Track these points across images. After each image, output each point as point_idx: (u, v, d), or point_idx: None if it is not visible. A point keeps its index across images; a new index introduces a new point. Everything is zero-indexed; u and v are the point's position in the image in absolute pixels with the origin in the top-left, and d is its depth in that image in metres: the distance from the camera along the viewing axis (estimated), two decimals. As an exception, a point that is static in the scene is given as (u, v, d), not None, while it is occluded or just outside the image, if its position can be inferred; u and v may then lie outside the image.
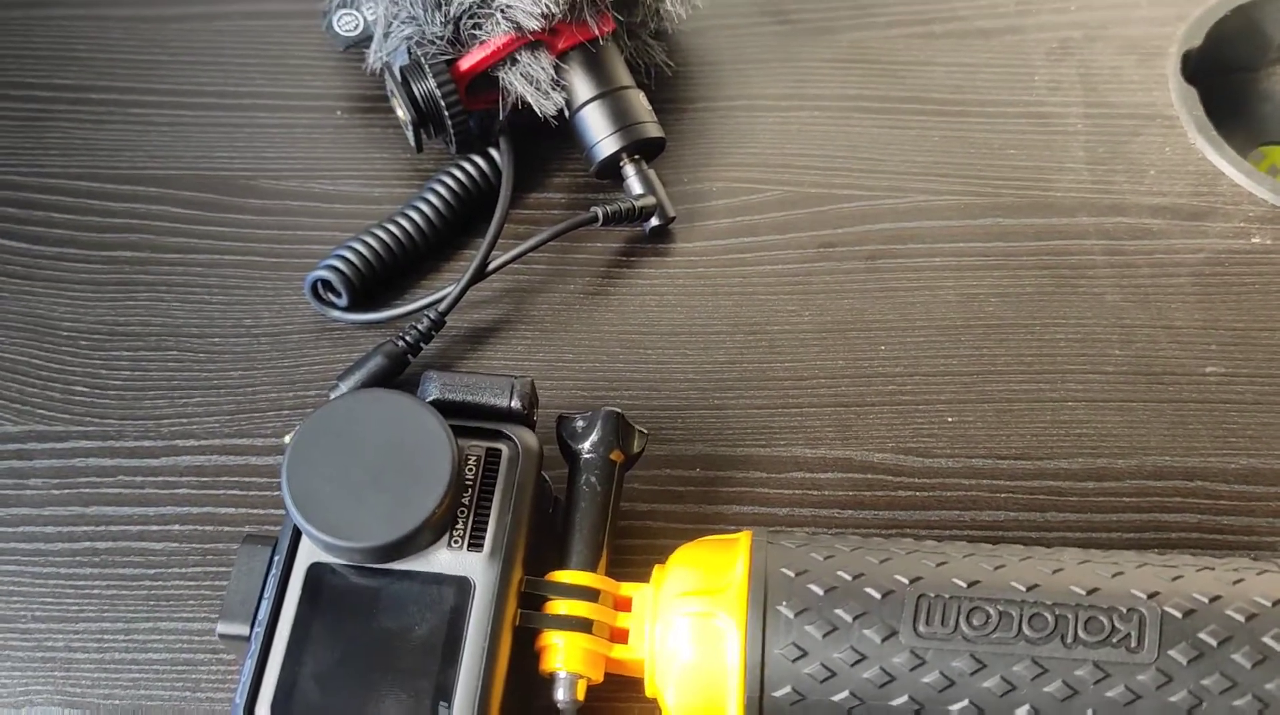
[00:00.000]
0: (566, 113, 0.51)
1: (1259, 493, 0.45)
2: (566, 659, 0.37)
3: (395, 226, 0.49)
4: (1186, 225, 0.52)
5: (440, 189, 0.50)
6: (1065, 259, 0.51)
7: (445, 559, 0.37)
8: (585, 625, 0.37)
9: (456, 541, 0.38)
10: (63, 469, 0.45)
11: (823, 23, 0.59)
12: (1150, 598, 0.34)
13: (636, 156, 0.51)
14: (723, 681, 0.35)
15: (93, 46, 0.58)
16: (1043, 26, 0.59)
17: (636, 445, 0.42)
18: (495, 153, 0.51)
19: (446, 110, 0.49)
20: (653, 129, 0.51)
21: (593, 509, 0.40)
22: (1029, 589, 0.35)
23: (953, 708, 0.34)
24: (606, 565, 0.39)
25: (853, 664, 0.34)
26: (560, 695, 0.37)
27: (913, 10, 0.59)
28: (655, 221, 0.51)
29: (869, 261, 0.51)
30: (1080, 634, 0.34)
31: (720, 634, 0.35)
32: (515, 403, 0.40)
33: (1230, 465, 0.46)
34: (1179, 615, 0.34)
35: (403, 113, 0.50)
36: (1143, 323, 0.49)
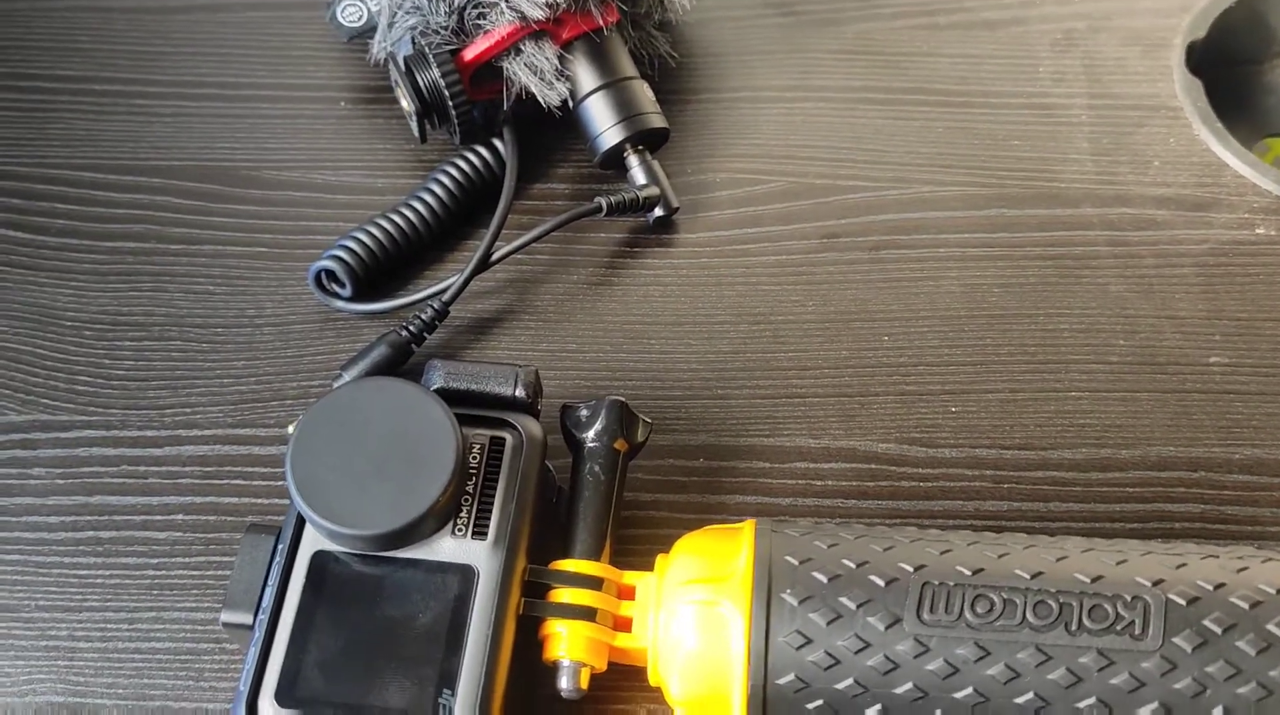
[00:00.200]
0: (570, 103, 0.50)
1: (1263, 483, 0.45)
2: (570, 647, 0.37)
3: (399, 217, 0.49)
4: (1191, 216, 0.52)
5: (444, 179, 0.50)
6: (1069, 250, 0.51)
7: (449, 547, 0.37)
8: (589, 614, 0.37)
9: (460, 530, 0.38)
10: (66, 458, 0.46)
11: (828, 14, 0.59)
12: (1154, 585, 0.34)
13: (640, 147, 0.51)
14: (726, 669, 0.35)
15: (95, 38, 0.58)
16: (1047, 18, 0.59)
17: (640, 434, 0.42)
18: (499, 143, 0.51)
19: (450, 101, 0.49)
20: (657, 120, 0.51)
21: (596, 498, 0.40)
22: (1033, 576, 0.35)
23: (957, 695, 0.34)
24: (610, 554, 0.39)
25: (856, 651, 0.34)
26: (564, 683, 0.37)
27: (918, 2, 0.59)
28: (659, 212, 0.51)
29: (873, 252, 0.51)
30: (1084, 621, 0.34)
31: (724, 622, 0.35)
32: (519, 392, 0.40)
33: (1234, 455, 0.46)
34: (1183, 603, 0.34)
35: (407, 103, 0.50)
36: (1147, 313, 0.49)
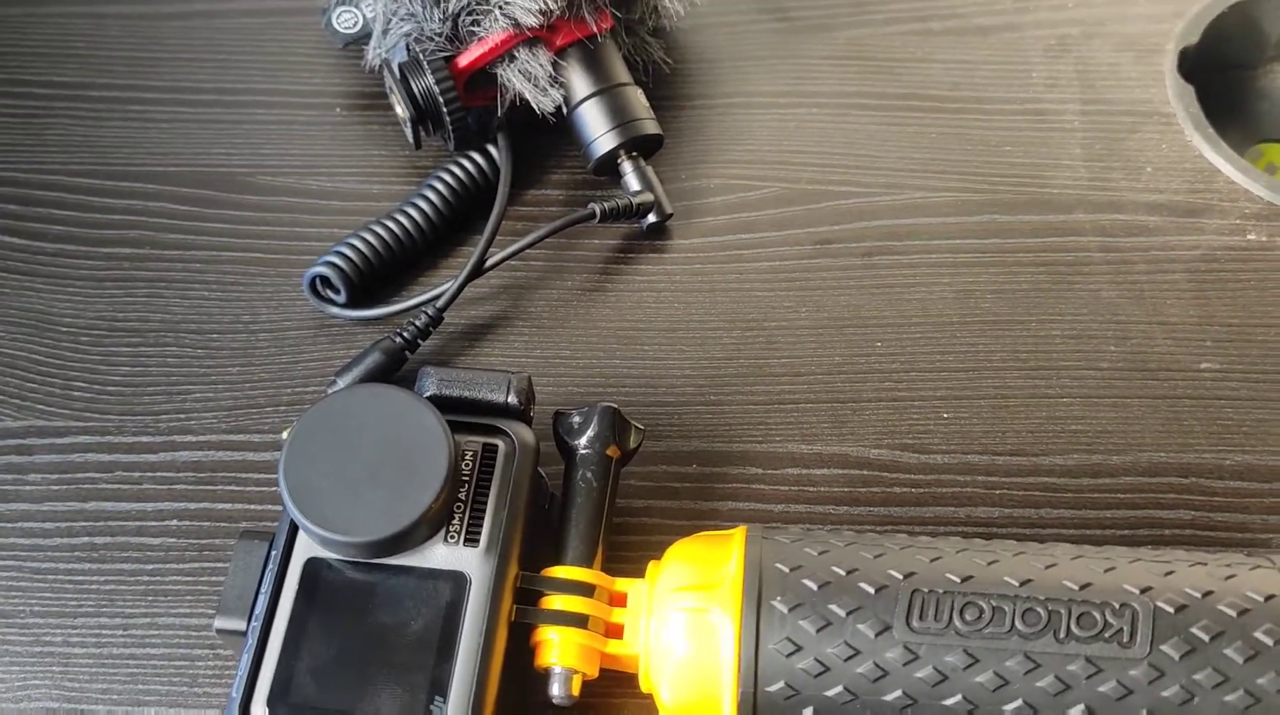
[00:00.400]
0: (564, 109, 0.51)
1: (1253, 489, 0.45)
2: (562, 654, 0.37)
3: (393, 223, 0.49)
4: (1183, 222, 0.52)
5: (438, 186, 0.50)
6: (1061, 256, 0.51)
7: (441, 554, 0.37)
8: (580, 620, 0.37)
9: (453, 537, 0.38)
10: (62, 464, 0.46)
11: (821, 20, 0.59)
12: (1143, 593, 0.34)
13: (634, 153, 0.51)
14: (717, 676, 0.35)
15: (91, 44, 0.58)
16: (1040, 24, 0.59)
17: (633, 441, 0.42)
18: (493, 149, 0.51)
19: (445, 107, 0.49)
20: (650, 126, 0.51)
21: (588, 505, 0.40)
22: (1022, 584, 0.35)
23: (946, 702, 0.34)
24: (602, 561, 0.40)
25: (846, 659, 0.34)
26: (555, 690, 0.37)
27: (911, 7, 0.59)
28: (653, 218, 0.51)
29: (866, 258, 0.51)
30: (1073, 629, 0.34)
31: (714, 629, 0.36)
32: (512, 398, 0.40)
33: (1225, 461, 0.46)
34: (1171, 610, 0.34)
35: (401, 109, 0.50)
36: (1138, 319, 0.49)
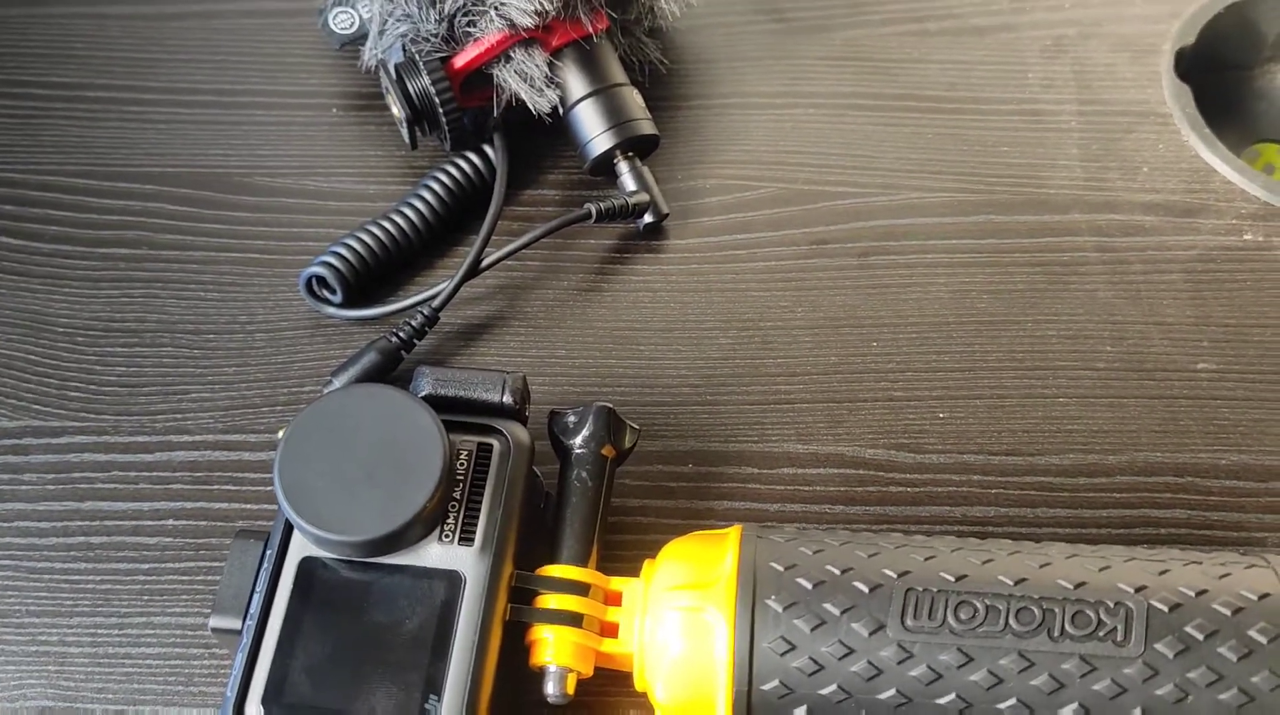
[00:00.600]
0: (560, 110, 0.51)
1: (1249, 488, 0.45)
2: (556, 653, 0.37)
3: (390, 223, 0.49)
4: (1179, 222, 0.52)
5: (434, 186, 0.50)
6: (1058, 256, 0.51)
7: (436, 553, 0.37)
8: (575, 619, 0.37)
9: (447, 536, 0.38)
10: (57, 464, 0.46)
11: (817, 20, 0.59)
12: (1137, 592, 0.34)
13: (630, 153, 0.51)
14: (711, 675, 0.35)
15: (90, 44, 0.58)
16: (1037, 24, 0.59)
17: (628, 440, 0.42)
18: (489, 150, 0.51)
19: (441, 107, 0.49)
20: (646, 126, 0.51)
21: (584, 504, 0.40)
22: (1016, 583, 0.35)
23: (940, 701, 0.34)
24: (597, 560, 0.40)
25: (840, 657, 0.35)
26: (550, 689, 0.37)
27: (907, 8, 0.59)
28: (649, 218, 0.51)
29: (862, 258, 0.51)
30: (1067, 628, 0.34)
31: (709, 628, 0.36)
32: (507, 398, 0.40)
33: (1221, 461, 0.46)
34: (1165, 609, 0.34)
35: (397, 110, 0.50)
36: (1134, 319, 0.49)
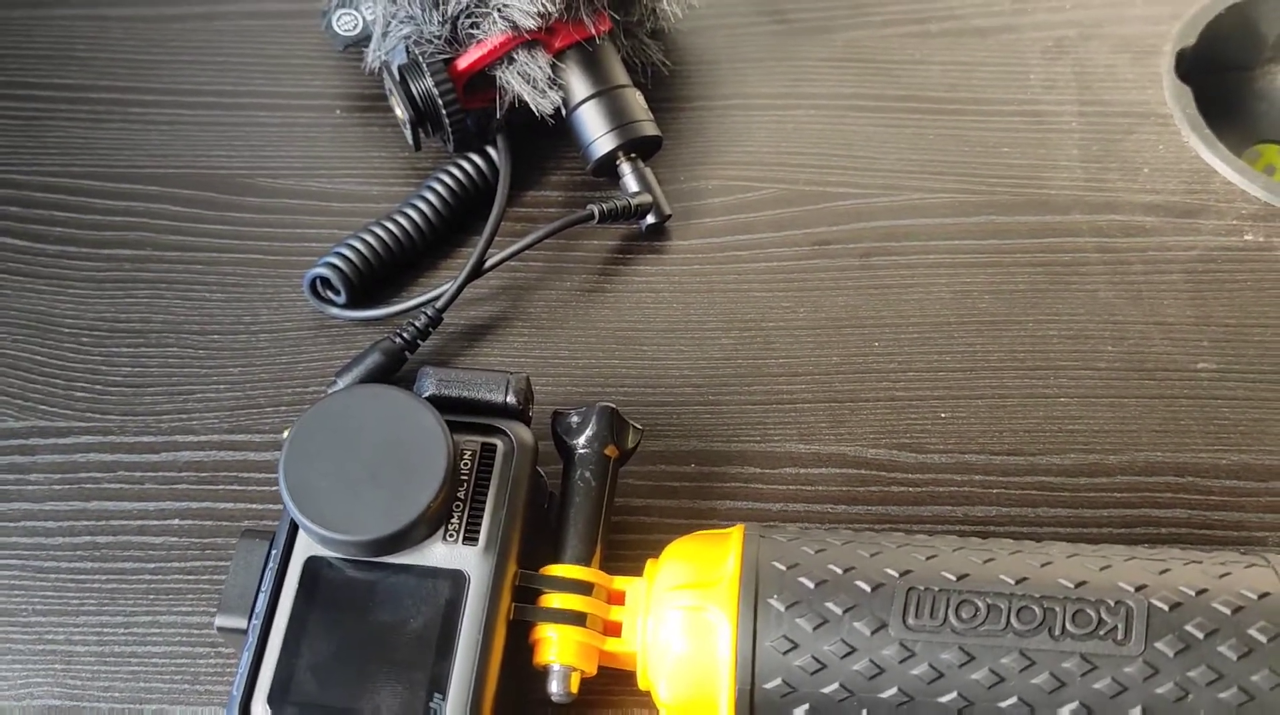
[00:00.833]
0: (563, 111, 0.51)
1: (1249, 488, 0.45)
2: (560, 652, 0.37)
3: (393, 224, 0.50)
4: (1179, 222, 0.52)
5: (438, 187, 0.51)
6: (1059, 256, 0.51)
7: (440, 553, 0.38)
8: (579, 619, 0.38)
9: (451, 536, 0.38)
10: (64, 464, 0.46)
11: (819, 22, 0.59)
12: (1138, 591, 0.35)
13: (633, 155, 0.51)
14: (714, 674, 0.36)
15: (92, 46, 0.58)
16: (1038, 25, 0.59)
17: (631, 440, 0.42)
18: (492, 151, 0.51)
19: (444, 109, 0.49)
20: (649, 127, 0.51)
21: (587, 504, 0.40)
22: (1018, 582, 0.35)
23: (941, 699, 0.34)
24: (600, 560, 0.40)
25: (843, 656, 0.35)
26: (554, 688, 0.37)
27: (909, 9, 0.60)
28: (651, 219, 0.51)
29: (864, 258, 0.51)
30: (1068, 626, 0.34)
31: (712, 627, 0.36)
32: (510, 398, 0.40)
33: (1221, 461, 0.46)
34: (1166, 608, 0.34)
35: (401, 111, 0.51)
36: (1135, 319, 0.49)
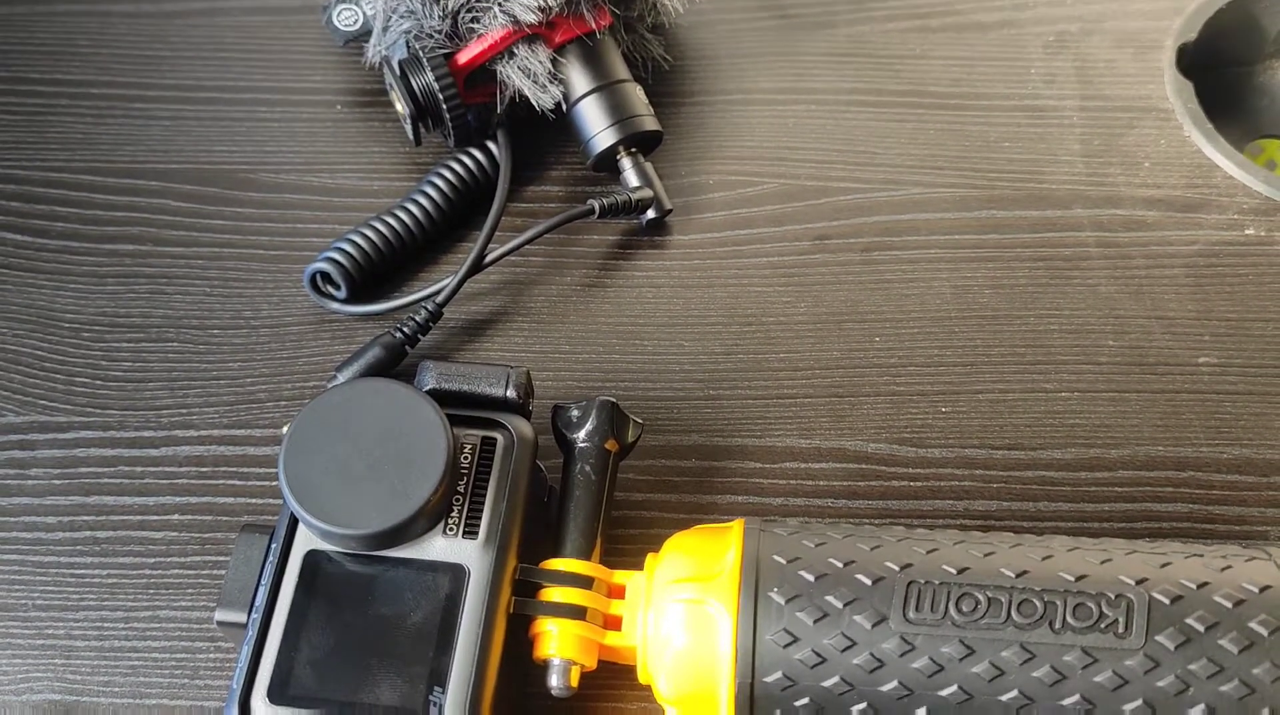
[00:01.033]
0: (564, 106, 0.51)
1: (1251, 482, 0.45)
2: (560, 646, 0.37)
3: (394, 219, 0.50)
4: (1180, 217, 0.52)
5: (438, 182, 0.50)
6: (1059, 251, 0.51)
7: (440, 546, 0.38)
8: (579, 612, 0.38)
9: (451, 529, 0.38)
10: (64, 459, 0.46)
11: (820, 17, 0.59)
12: (1138, 584, 0.35)
13: (633, 149, 0.51)
14: (714, 667, 0.35)
15: (95, 42, 0.58)
16: (1039, 20, 0.59)
17: (631, 435, 0.42)
18: (493, 146, 0.51)
19: (445, 104, 0.49)
20: (650, 122, 0.51)
21: (587, 497, 0.40)
22: (1018, 575, 0.35)
23: (942, 693, 0.34)
24: (600, 553, 0.40)
25: (843, 650, 0.35)
26: (554, 681, 0.37)
27: (910, 4, 0.59)
28: (652, 214, 0.51)
29: (864, 253, 0.51)
30: (1069, 620, 0.34)
31: (712, 620, 0.36)
32: (510, 392, 0.40)
33: (1222, 455, 0.46)
34: (1167, 601, 0.34)
35: (401, 106, 0.50)
36: (1136, 314, 0.49)
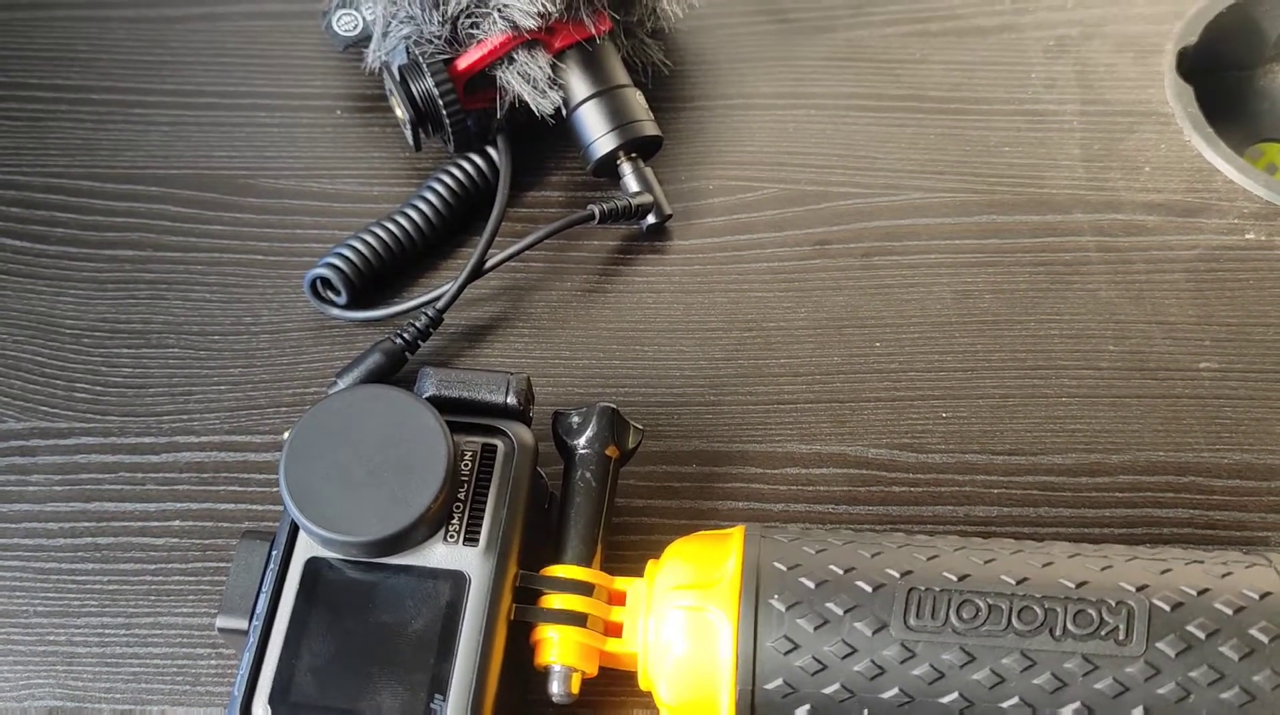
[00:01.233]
0: (564, 111, 0.51)
1: (1251, 487, 0.45)
2: (561, 652, 0.37)
3: (394, 225, 0.50)
4: (1181, 222, 0.52)
5: (438, 187, 0.50)
6: (1060, 256, 0.51)
7: (441, 554, 0.38)
8: (579, 619, 0.38)
9: (452, 536, 0.38)
10: (65, 465, 0.46)
11: (820, 21, 0.59)
12: (1139, 591, 0.35)
13: (633, 155, 0.51)
14: (715, 674, 0.35)
15: (94, 47, 0.58)
16: (1040, 24, 0.59)
17: (631, 441, 0.42)
18: (493, 151, 0.51)
19: (444, 109, 0.49)
20: (649, 127, 0.51)
21: (588, 504, 0.40)
22: (1019, 582, 0.35)
23: (943, 700, 0.34)
24: (601, 560, 0.40)
25: (844, 657, 0.35)
26: (555, 688, 0.37)
27: (910, 8, 0.60)
28: (652, 219, 0.51)
29: (864, 258, 0.51)
30: (1069, 627, 0.34)
31: (712, 627, 0.36)
32: (511, 399, 0.40)
33: (1223, 460, 0.46)
34: (1167, 608, 0.34)
35: (401, 112, 0.50)
36: (1137, 319, 0.49)
